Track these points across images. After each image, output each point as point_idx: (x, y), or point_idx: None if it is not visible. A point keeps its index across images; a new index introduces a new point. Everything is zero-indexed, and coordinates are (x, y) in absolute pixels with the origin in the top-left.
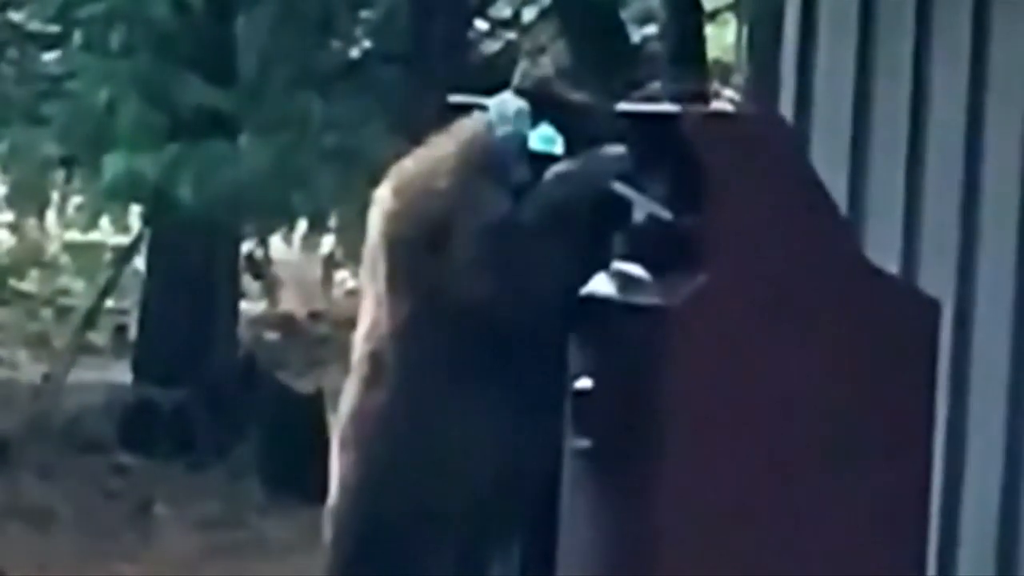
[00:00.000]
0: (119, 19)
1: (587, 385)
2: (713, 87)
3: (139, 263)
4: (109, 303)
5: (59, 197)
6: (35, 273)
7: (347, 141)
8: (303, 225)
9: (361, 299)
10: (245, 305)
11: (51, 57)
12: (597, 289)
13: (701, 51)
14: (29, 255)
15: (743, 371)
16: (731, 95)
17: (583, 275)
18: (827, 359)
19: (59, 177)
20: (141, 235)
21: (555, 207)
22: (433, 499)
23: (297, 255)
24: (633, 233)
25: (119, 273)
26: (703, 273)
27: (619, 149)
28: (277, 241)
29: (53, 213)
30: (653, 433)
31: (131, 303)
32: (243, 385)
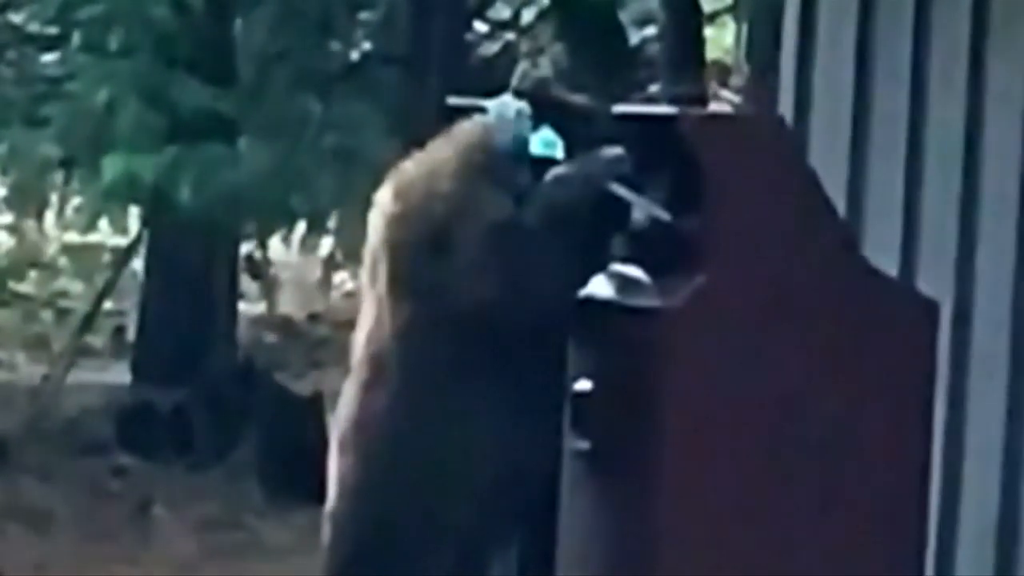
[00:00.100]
0: (118, 20)
1: (586, 386)
2: (712, 89)
3: (138, 264)
4: (108, 305)
5: (58, 198)
6: (34, 274)
7: (346, 142)
8: (302, 227)
9: (360, 301)
10: (244, 307)
11: (50, 58)
12: (596, 291)
13: (700, 53)
14: (28, 256)
15: (742, 372)
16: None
17: (583, 277)
18: (826, 360)
19: (58, 178)
20: (140, 236)
21: (556, 209)
22: (433, 501)
23: (296, 257)
24: (632, 235)
25: (118, 274)
26: (702, 275)
27: (618, 151)
28: (276, 243)
29: (52, 214)
30: (652, 434)
31: (130, 305)
32: (242, 387)
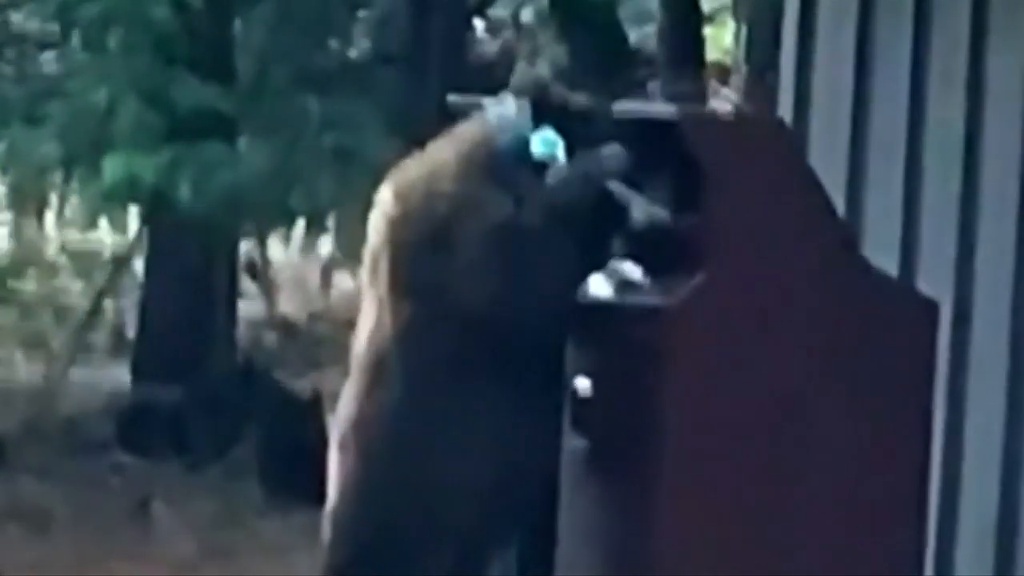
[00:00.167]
0: (118, 20)
1: (586, 386)
2: (712, 87)
3: (138, 264)
4: (107, 304)
5: (57, 198)
6: (33, 274)
7: (345, 142)
8: (301, 226)
9: (360, 301)
10: (243, 306)
11: (50, 58)
12: (596, 290)
13: (699, 52)
14: (27, 256)
15: (740, 371)
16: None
17: (583, 276)
18: (825, 360)
19: (57, 178)
20: (140, 236)
21: (556, 209)
22: (433, 501)
23: (295, 256)
24: (631, 234)
25: (117, 274)
26: (700, 274)
27: (617, 150)
28: (276, 242)
29: (52, 214)
30: (652, 434)
31: (130, 304)
32: (241, 386)
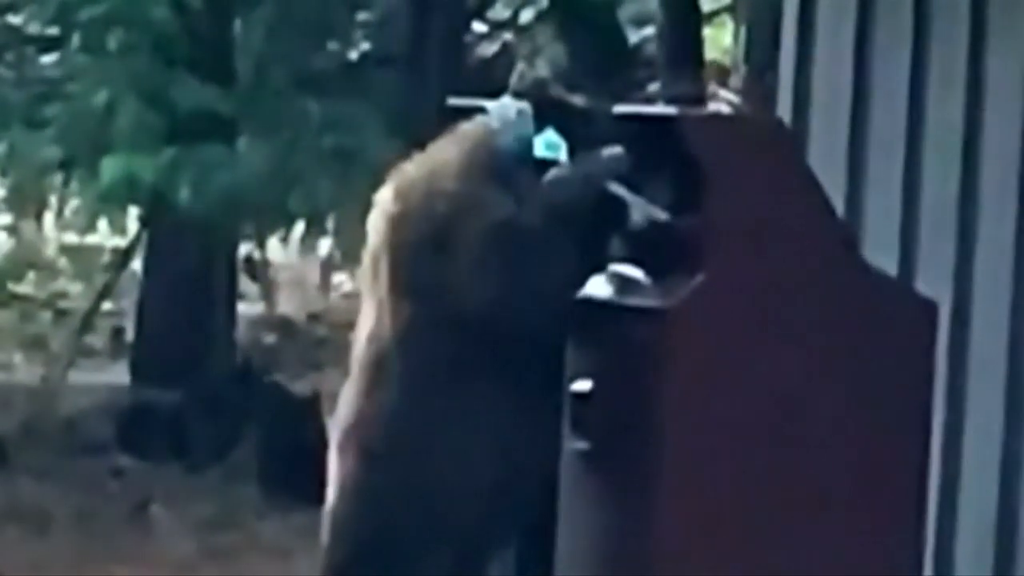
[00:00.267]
0: (117, 21)
1: (585, 386)
2: (711, 88)
3: (137, 265)
4: (107, 305)
5: (57, 199)
6: (33, 275)
7: (345, 143)
8: (301, 227)
9: (359, 301)
10: (242, 307)
11: (50, 59)
12: (595, 291)
13: (699, 53)
14: (27, 257)
15: (740, 372)
16: (729, 96)
17: (582, 277)
18: (824, 360)
19: (57, 179)
20: (139, 237)
21: (555, 210)
22: (433, 501)
23: (295, 257)
24: (631, 235)
25: (117, 275)
26: (700, 274)
27: (618, 151)
28: (275, 243)
29: (51, 215)
30: (651, 434)
31: (129, 305)
32: (240, 387)
